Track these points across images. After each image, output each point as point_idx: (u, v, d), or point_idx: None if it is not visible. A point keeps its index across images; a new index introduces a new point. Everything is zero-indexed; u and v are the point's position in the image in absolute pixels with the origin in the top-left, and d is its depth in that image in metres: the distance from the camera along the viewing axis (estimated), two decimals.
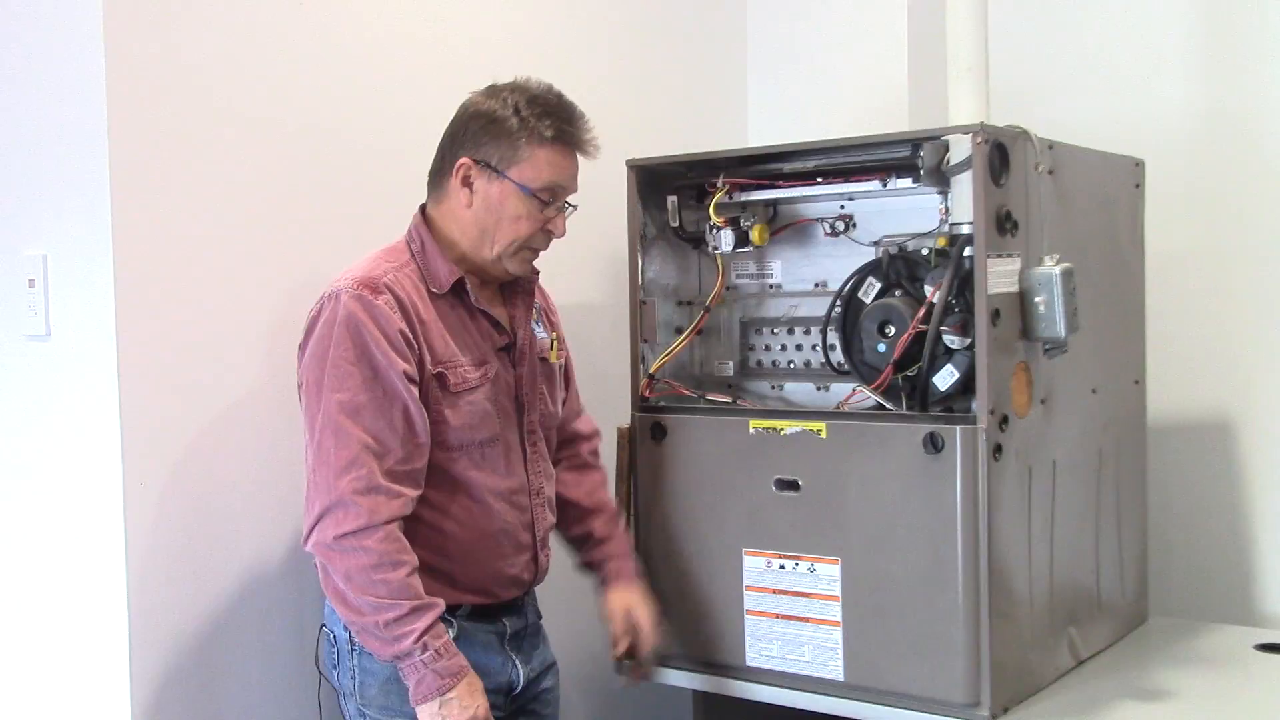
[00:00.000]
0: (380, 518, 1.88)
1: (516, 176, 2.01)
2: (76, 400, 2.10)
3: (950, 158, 2.05)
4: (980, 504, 2.02)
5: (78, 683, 2.15)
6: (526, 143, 2.00)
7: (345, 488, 1.88)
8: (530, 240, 2.06)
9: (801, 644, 2.19)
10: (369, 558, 1.87)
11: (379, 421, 1.91)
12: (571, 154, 2.05)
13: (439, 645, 1.90)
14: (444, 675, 1.90)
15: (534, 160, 2.01)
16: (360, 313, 1.93)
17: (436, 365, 1.99)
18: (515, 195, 2.01)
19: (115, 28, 2.02)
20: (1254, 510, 2.79)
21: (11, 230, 2.22)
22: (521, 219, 2.03)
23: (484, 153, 2.02)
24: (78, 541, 2.13)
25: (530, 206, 2.02)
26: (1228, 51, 2.82)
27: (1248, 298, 2.79)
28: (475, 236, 2.05)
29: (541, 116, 2.01)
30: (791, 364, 2.42)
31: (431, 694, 1.89)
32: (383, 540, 1.88)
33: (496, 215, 2.03)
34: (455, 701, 1.90)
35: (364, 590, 1.88)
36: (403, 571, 1.89)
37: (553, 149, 2.01)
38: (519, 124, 2.00)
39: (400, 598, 1.88)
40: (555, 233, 2.07)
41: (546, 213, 2.04)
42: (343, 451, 1.89)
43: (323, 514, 1.90)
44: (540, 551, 2.13)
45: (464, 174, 2.03)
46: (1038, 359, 2.14)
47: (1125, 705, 2.12)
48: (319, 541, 1.90)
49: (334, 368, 1.92)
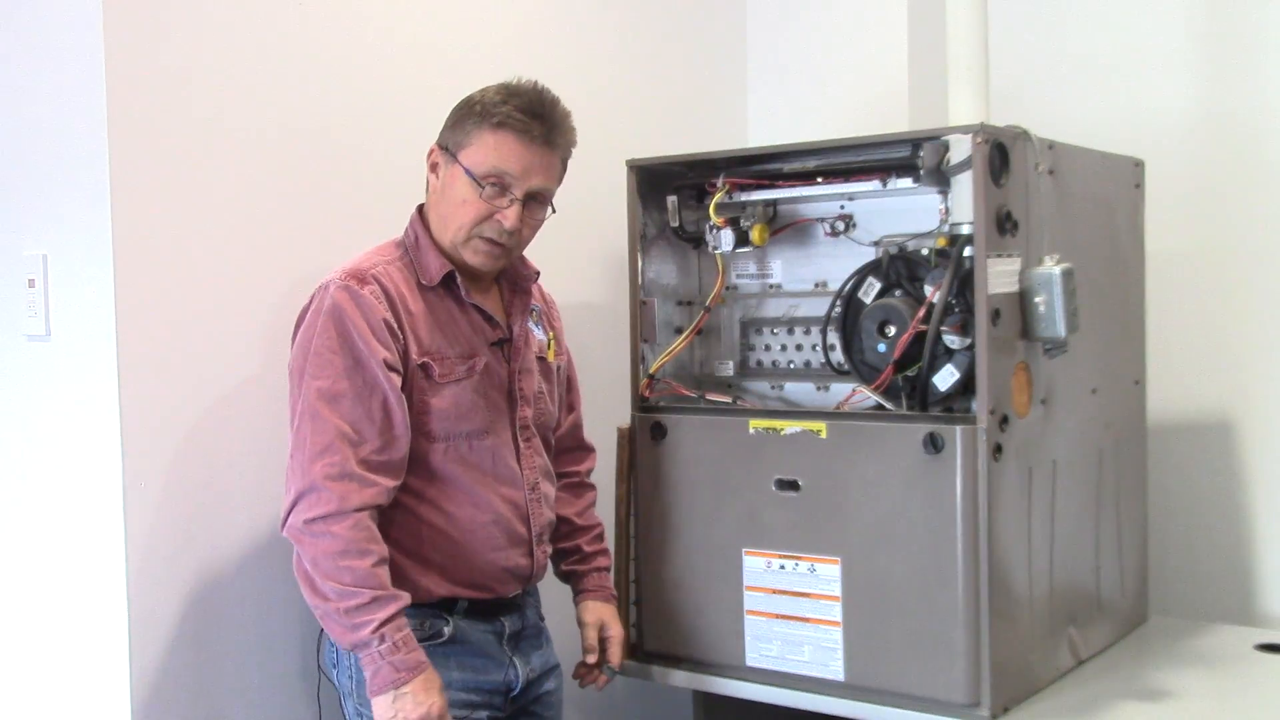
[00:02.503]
0: (350, 505, 1.88)
1: (464, 160, 1.99)
2: (76, 400, 2.10)
3: (950, 158, 2.05)
4: (980, 504, 2.02)
5: (78, 682, 2.15)
6: (475, 126, 1.99)
7: (318, 473, 1.88)
8: (478, 229, 2.00)
9: (801, 644, 2.19)
10: (336, 544, 1.87)
11: (357, 410, 1.91)
12: (525, 143, 1.98)
13: (398, 638, 1.89)
14: (400, 669, 1.88)
15: (481, 144, 1.98)
16: (345, 302, 1.94)
17: (422, 355, 1.99)
18: (462, 179, 1.99)
19: (115, 28, 2.02)
20: (1254, 510, 2.79)
21: (11, 230, 2.22)
22: (467, 203, 1.99)
23: (445, 137, 2.03)
24: (77, 541, 2.13)
25: (474, 191, 1.99)
26: (1227, 51, 2.81)
27: (1248, 298, 2.79)
28: (438, 223, 2.04)
29: (500, 103, 1.98)
30: (791, 364, 2.42)
31: (386, 686, 1.88)
32: (351, 528, 1.88)
33: (449, 199, 2.02)
34: (409, 696, 1.88)
35: (329, 576, 1.87)
36: (368, 560, 1.88)
37: (500, 134, 1.97)
38: (479, 110, 1.99)
39: (363, 586, 1.87)
40: (504, 224, 2.00)
41: (496, 201, 1.99)
42: (318, 438, 1.90)
43: (296, 498, 1.90)
44: (537, 546, 2.13)
45: (432, 160, 2.05)
46: (1038, 359, 2.14)
47: (1125, 705, 2.12)
48: (292, 525, 1.91)
49: (316, 355, 1.93)
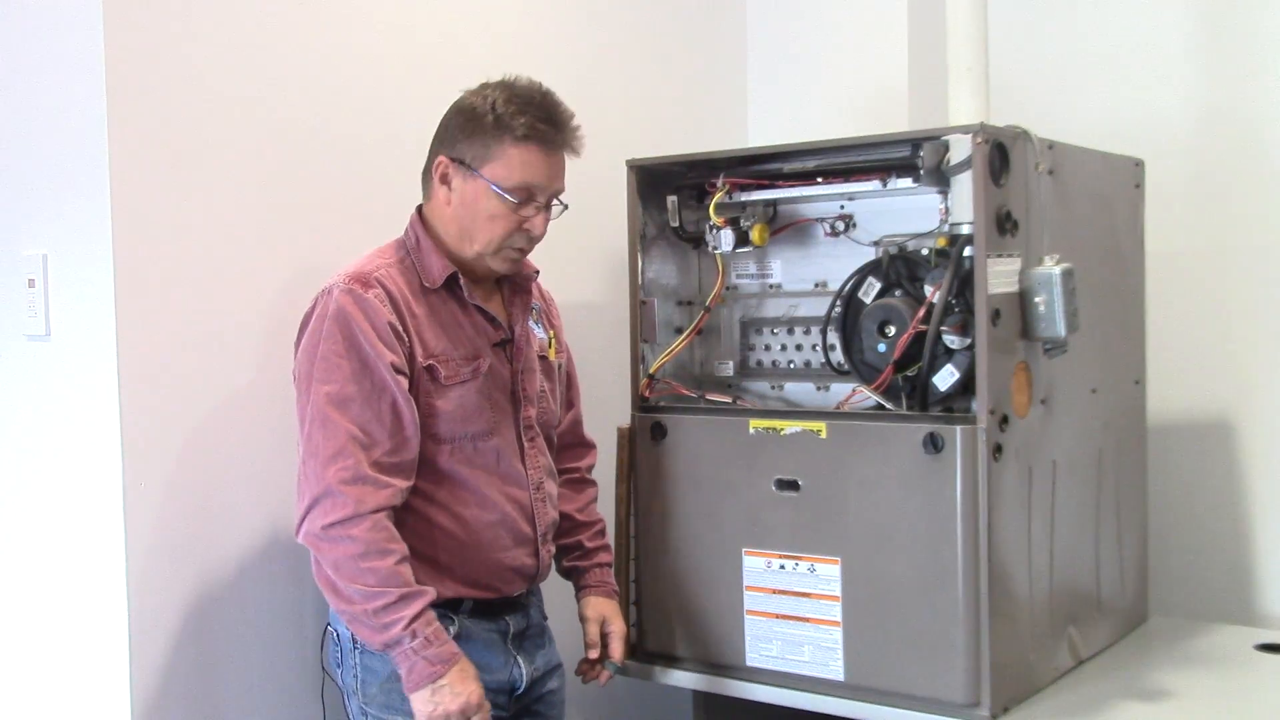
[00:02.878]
0: (367, 507, 1.89)
1: (490, 175, 1.99)
2: (76, 400, 2.10)
3: (950, 158, 2.05)
4: (980, 504, 2.02)
5: (78, 682, 2.15)
6: (499, 141, 1.99)
7: (332, 477, 1.89)
8: (509, 240, 2.03)
9: (801, 644, 2.19)
10: (356, 546, 1.88)
11: (366, 413, 1.92)
12: (549, 153, 2.01)
13: (429, 632, 1.90)
14: (435, 662, 1.90)
15: (506, 159, 1.99)
16: (350, 306, 1.94)
17: (427, 358, 1.99)
18: (489, 194, 2.00)
19: (115, 28, 2.02)
20: (1254, 510, 2.79)
21: (11, 230, 2.22)
22: (497, 218, 2.01)
23: (460, 150, 2.02)
24: (78, 541, 2.13)
25: (504, 206, 2.00)
26: (1228, 51, 2.81)
27: (1248, 298, 2.79)
28: (456, 235, 2.04)
29: (517, 114, 1.98)
30: (791, 364, 2.42)
31: (424, 681, 1.90)
32: (370, 529, 1.89)
33: (473, 214, 2.02)
34: (447, 688, 1.90)
35: (353, 579, 1.88)
36: (390, 560, 1.89)
37: (526, 148, 1.99)
38: (494, 121, 1.99)
39: (388, 585, 1.88)
40: (533, 233, 2.03)
41: (523, 212, 2.01)
42: (330, 442, 1.90)
43: (311, 504, 1.91)
44: (542, 545, 2.13)
45: (442, 171, 2.04)
46: (1038, 359, 2.14)
47: (1125, 705, 2.12)
48: (308, 531, 1.92)
49: (323, 360, 1.93)
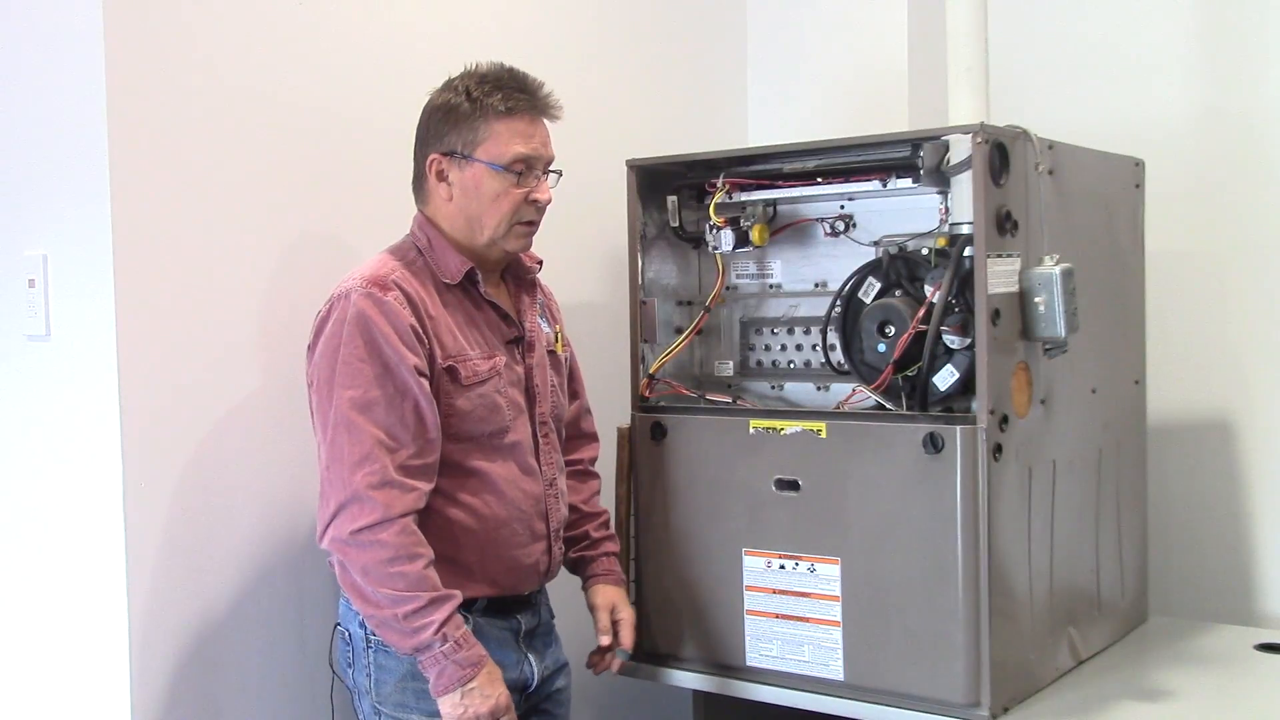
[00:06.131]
0: (395, 511, 1.89)
1: (484, 156, 2.02)
2: (76, 400, 2.10)
3: (950, 158, 2.06)
4: (980, 504, 2.02)
5: (78, 683, 2.15)
6: (484, 121, 2.01)
7: (360, 483, 1.89)
8: (518, 215, 2.05)
9: (801, 644, 2.19)
10: (386, 551, 1.88)
11: (391, 417, 1.92)
12: (532, 119, 2.05)
13: (458, 636, 1.91)
14: (464, 665, 1.91)
15: (495, 136, 2.02)
16: (370, 310, 1.94)
17: (447, 359, 2.00)
18: (488, 175, 2.02)
19: (115, 28, 2.02)
20: (1254, 510, 2.79)
21: (11, 230, 2.22)
22: (501, 197, 2.03)
23: (448, 143, 2.04)
24: (78, 541, 2.13)
25: (505, 182, 2.03)
26: (1227, 51, 2.81)
27: (1248, 298, 2.79)
28: (464, 226, 2.06)
29: (492, 92, 2.02)
30: (791, 364, 2.42)
31: (453, 685, 1.91)
32: (399, 534, 1.89)
33: (477, 199, 2.04)
34: (477, 691, 1.91)
35: (381, 584, 1.89)
36: (419, 564, 1.90)
37: (510, 120, 2.02)
38: (471, 105, 2.02)
39: (418, 590, 1.89)
40: (540, 200, 2.06)
41: (525, 183, 2.04)
42: (356, 447, 1.90)
43: (338, 510, 1.91)
44: (554, 542, 2.14)
45: (437, 169, 2.05)
46: (1038, 359, 2.14)
47: (1125, 705, 2.12)
48: (335, 537, 1.91)
49: (345, 365, 1.93)
